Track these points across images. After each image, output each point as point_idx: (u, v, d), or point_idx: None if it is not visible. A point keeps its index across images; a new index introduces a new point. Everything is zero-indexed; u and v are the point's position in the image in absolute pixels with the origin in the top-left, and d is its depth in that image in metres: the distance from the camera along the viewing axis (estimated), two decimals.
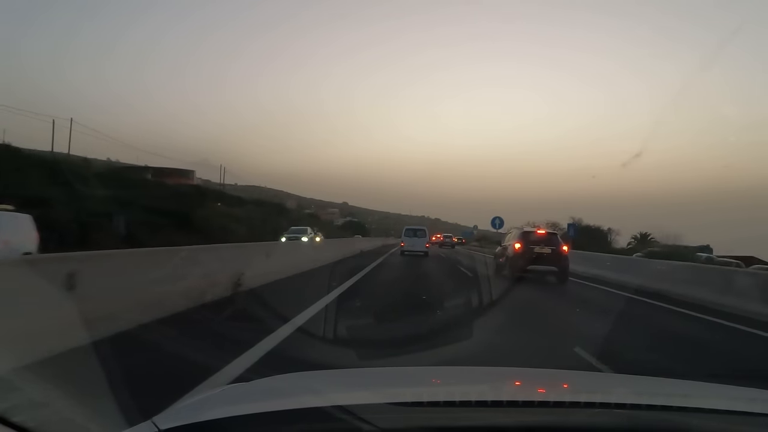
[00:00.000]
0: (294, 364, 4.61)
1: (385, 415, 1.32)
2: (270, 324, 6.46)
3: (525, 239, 16.15)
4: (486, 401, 1.55)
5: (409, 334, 6.56)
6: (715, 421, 1.42)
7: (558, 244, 16.00)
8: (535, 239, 16.17)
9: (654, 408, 1.52)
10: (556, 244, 16.00)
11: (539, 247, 15.68)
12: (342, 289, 11.25)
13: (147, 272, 6.85)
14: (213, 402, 1.65)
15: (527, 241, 15.98)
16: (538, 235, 16.65)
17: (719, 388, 2.09)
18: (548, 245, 15.83)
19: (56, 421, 2.34)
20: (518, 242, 16.05)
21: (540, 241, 16.06)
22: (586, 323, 9.20)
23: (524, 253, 15.48)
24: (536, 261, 15.35)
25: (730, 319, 9.61)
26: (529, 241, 16.03)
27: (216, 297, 8.21)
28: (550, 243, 15.99)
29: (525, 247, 15.69)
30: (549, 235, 17.10)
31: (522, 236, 16.47)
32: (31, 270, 5.00)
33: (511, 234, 18.19)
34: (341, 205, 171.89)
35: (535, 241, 16.03)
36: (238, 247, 12.69)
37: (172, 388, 3.50)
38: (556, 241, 16.31)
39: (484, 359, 5.28)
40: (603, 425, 1.36)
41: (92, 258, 6.31)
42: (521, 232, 17.12)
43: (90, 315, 4.90)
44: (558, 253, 15.69)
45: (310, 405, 1.41)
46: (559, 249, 15.83)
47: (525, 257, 15.38)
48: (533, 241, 16.04)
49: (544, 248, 15.68)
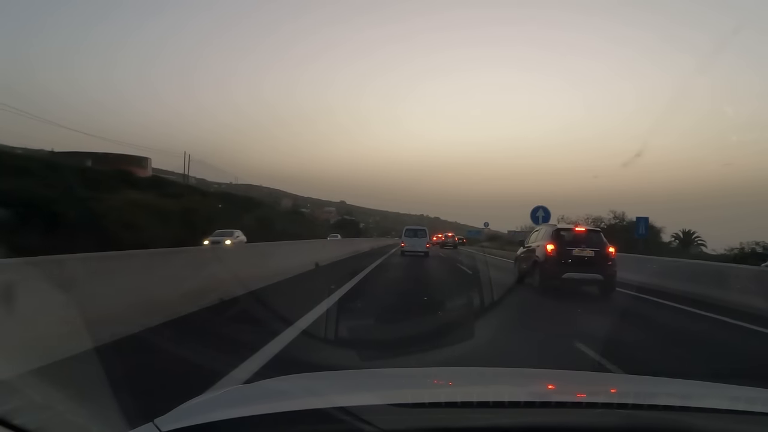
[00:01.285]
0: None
1: (387, 416, 1.32)
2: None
3: (560, 239, 12.78)
4: (488, 402, 1.55)
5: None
6: (716, 421, 1.42)
7: (603, 245, 12.64)
8: (573, 239, 12.86)
9: (656, 408, 1.52)
10: (600, 245, 12.61)
11: (579, 248, 12.40)
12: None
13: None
14: (214, 404, 1.65)
15: (563, 242, 12.67)
16: (576, 234, 13.25)
17: (720, 388, 2.09)
18: (590, 246, 12.52)
19: (58, 423, 2.34)
20: (551, 243, 12.60)
21: (579, 240, 12.74)
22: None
23: (559, 257, 12.28)
24: (575, 267, 12.15)
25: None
26: (566, 241, 12.73)
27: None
28: (592, 243, 12.66)
29: (560, 249, 12.40)
30: (591, 233, 13.64)
31: (555, 235, 12.95)
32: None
33: (539, 232, 14.33)
34: (338, 204, 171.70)
35: (572, 241, 12.74)
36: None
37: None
38: (601, 240, 12.87)
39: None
40: (605, 425, 1.36)
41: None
42: (554, 229, 13.44)
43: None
44: (603, 257, 12.34)
45: (312, 406, 1.42)
46: (604, 251, 12.45)
47: (560, 262, 12.21)
48: (570, 240, 12.74)
49: (585, 250, 12.39)
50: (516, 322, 8.24)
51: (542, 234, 13.77)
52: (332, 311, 8.11)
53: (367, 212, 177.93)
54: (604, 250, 12.47)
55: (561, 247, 12.48)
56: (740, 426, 1.42)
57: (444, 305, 10.11)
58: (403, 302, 10.35)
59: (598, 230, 14.60)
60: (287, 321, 6.74)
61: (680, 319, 9.58)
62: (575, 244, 12.57)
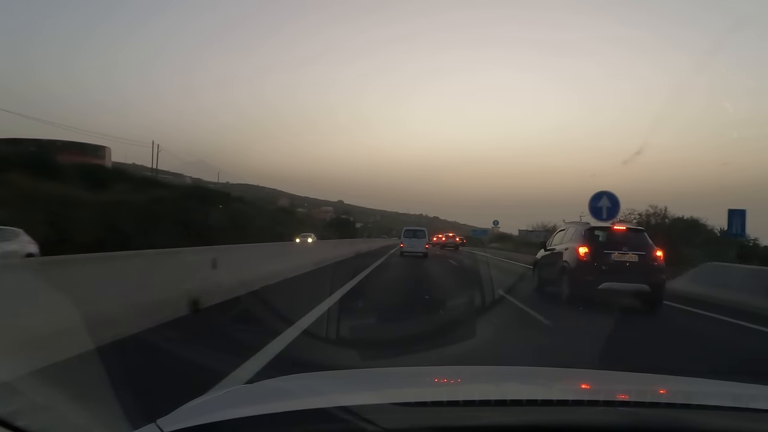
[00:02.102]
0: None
1: (389, 415, 1.32)
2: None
3: (595, 240, 10.66)
4: (489, 400, 1.55)
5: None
6: (718, 418, 1.42)
7: (648, 248, 10.43)
8: (612, 239, 10.71)
9: (657, 405, 1.52)
10: (645, 248, 10.42)
11: (619, 251, 10.20)
12: None
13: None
14: (216, 404, 1.65)
15: (599, 243, 10.56)
16: (615, 233, 11.01)
17: (722, 385, 2.10)
18: (633, 249, 10.30)
19: (59, 424, 2.33)
20: (583, 244, 10.43)
21: (619, 242, 10.55)
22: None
23: (595, 263, 10.12)
24: (615, 275, 9.97)
25: None
26: (602, 242, 10.65)
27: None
28: (635, 245, 10.42)
29: (596, 253, 10.23)
30: (633, 232, 11.32)
31: (589, 235, 10.76)
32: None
33: (566, 231, 11.99)
34: (336, 204, 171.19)
35: (611, 242, 10.59)
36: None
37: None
38: (645, 242, 10.62)
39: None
40: (607, 423, 1.35)
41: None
42: (587, 228, 11.19)
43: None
44: (649, 262, 10.18)
45: (314, 406, 1.42)
46: (650, 255, 10.28)
47: (596, 269, 10.04)
48: (608, 242, 10.62)
49: (626, 254, 10.20)
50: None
51: (571, 234, 11.43)
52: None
53: (366, 212, 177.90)
54: (650, 254, 10.32)
55: (597, 249, 10.32)
56: (742, 423, 1.42)
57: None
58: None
59: (642, 229, 12.19)
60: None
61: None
62: (614, 247, 10.36)
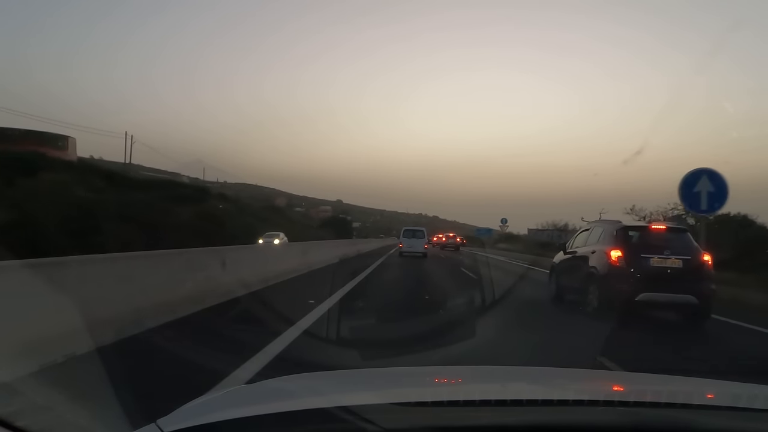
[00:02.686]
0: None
1: (389, 415, 1.32)
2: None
3: (629, 241, 9.01)
4: (490, 400, 1.56)
5: None
6: (718, 418, 1.42)
7: (694, 251, 8.80)
8: (650, 241, 8.94)
9: (657, 405, 1.52)
10: (690, 251, 8.77)
11: (659, 256, 8.52)
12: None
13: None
14: (217, 404, 1.65)
15: (634, 246, 8.88)
16: (654, 233, 9.25)
17: (722, 385, 2.10)
18: (676, 253, 8.58)
19: (59, 424, 2.34)
20: (616, 247, 8.77)
21: (660, 244, 8.78)
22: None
23: (631, 270, 8.50)
24: (655, 284, 8.32)
25: None
26: (639, 244, 8.92)
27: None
28: (678, 248, 8.69)
29: (632, 258, 8.60)
30: (674, 232, 9.42)
31: (623, 236, 9.06)
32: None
33: (591, 231, 10.26)
34: (335, 203, 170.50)
35: (649, 244, 8.82)
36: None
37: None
38: (689, 244, 8.98)
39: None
40: (607, 423, 1.35)
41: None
42: (619, 227, 9.35)
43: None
44: (696, 269, 8.55)
45: (314, 406, 1.42)
46: (697, 260, 8.66)
47: (633, 277, 8.43)
48: (646, 244, 8.85)
49: (668, 258, 8.50)
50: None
51: (599, 234, 9.72)
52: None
53: (365, 211, 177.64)
54: (696, 259, 8.68)
55: (633, 253, 8.68)
56: (742, 423, 1.42)
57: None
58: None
59: (684, 228, 10.19)
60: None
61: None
62: (653, 250, 8.65)
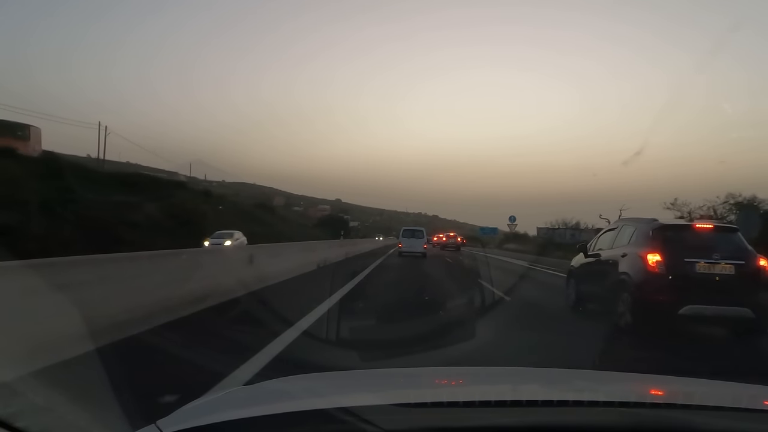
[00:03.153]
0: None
1: (389, 416, 1.32)
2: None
3: (669, 243, 7.50)
4: (489, 401, 1.56)
5: None
6: (718, 419, 1.42)
7: (748, 255, 7.45)
8: (695, 243, 7.57)
9: (658, 406, 1.53)
10: (743, 254, 7.42)
11: (706, 261, 7.16)
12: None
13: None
14: (217, 405, 1.65)
15: (676, 249, 7.37)
16: (699, 233, 7.81)
17: (722, 385, 2.10)
18: (726, 257, 7.23)
19: (59, 425, 2.33)
20: (654, 250, 7.36)
21: (706, 246, 7.40)
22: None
23: (671, 276, 7.16)
24: (702, 294, 7.00)
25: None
26: (680, 247, 7.42)
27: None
28: (729, 252, 7.35)
29: (673, 262, 7.23)
30: (722, 232, 8.00)
31: (660, 236, 7.61)
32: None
33: (619, 231, 8.68)
34: (333, 202, 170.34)
35: (694, 247, 7.43)
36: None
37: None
38: (741, 246, 7.63)
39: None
40: (607, 424, 1.36)
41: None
42: (656, 226, 7.86)
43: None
44: (751, 275, 7.22)
45: (314, 407, 1.42)
46: (752, 265, 7.31)
47: (675, 285, 7.10)
48: (690, 247, 7.43)
49: (718, 263, 7.15)
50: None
51: (629, 234, 8.21)
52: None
53: (365, 211, 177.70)
54: (751, 264, 7.31)
55: (675, 258, 7.25)
56: (742, 423, 1.42)
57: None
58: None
59: (735, 228, 8.44)
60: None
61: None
62: (699, 254, 7.25)
